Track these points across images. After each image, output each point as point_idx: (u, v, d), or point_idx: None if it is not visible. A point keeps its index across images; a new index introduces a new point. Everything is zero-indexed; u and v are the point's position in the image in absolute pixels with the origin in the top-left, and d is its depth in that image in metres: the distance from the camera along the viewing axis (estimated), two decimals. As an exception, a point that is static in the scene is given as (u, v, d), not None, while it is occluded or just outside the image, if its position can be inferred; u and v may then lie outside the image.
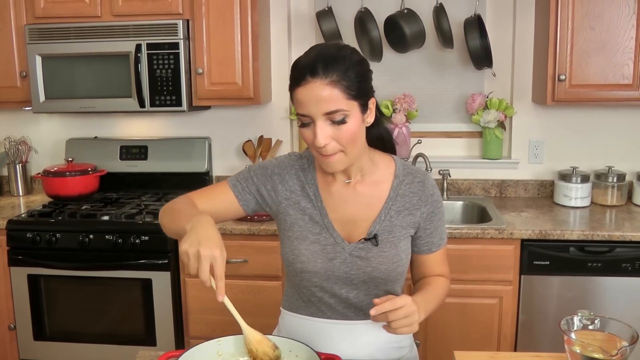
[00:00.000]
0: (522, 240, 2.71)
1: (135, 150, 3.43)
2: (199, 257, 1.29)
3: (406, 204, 1.61)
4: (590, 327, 1.48)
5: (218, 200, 1.65)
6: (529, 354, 1.65)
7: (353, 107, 1.44)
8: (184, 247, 1.31)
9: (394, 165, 1.65)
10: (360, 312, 1.63)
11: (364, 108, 1.49)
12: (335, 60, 1.42)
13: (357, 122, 1.46)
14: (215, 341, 1.48)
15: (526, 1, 3.20)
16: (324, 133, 1.42)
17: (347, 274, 1.59)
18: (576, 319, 1.48)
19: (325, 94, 1.39)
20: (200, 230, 1.35)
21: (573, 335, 1.44)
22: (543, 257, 2.71)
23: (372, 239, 1.57)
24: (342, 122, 1.43)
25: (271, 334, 1.56)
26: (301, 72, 1.43)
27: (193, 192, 1.67)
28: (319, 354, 1.39)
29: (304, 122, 1.44)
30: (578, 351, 1.38)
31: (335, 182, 1.63)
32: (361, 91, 1.46)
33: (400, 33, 3.09)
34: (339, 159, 1.48)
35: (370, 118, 1.53)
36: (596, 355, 1.34)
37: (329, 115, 1.41)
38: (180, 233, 1.40)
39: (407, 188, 1.61)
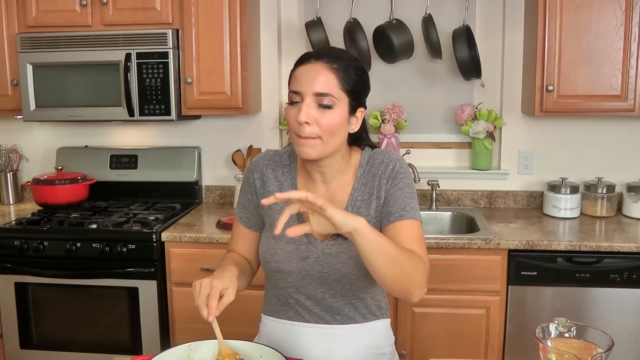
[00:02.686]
0: (509, 251, 2.70)
1: (125, 160, 3.44)
2: (210, 284, 1.39)
3: (370, 190, 1.60)
4: (567, 334, 1.47)
5: (245, 240, 1.75)
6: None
7: (343, 100, 1.50)
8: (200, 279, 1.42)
9: (360, 156, 1.65)
10: (337, 316, 1.63)
11: (352, 109, 1.54)
12: (341, 55, 1.53)
13: (342, 116, 1.51)
14: (185, 346, 1.49)
15: (515, 13, 3.21)
16: (308, 111, 1.47)
17: (320, 272, 1.58)
18: (552, 327, 1.47)
19: (322, 75, 1.48)
20: (218, 272, 1.50)
21: (549, 343, 1.43)
22: (530, 268, 2.70)
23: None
24: (328, 107, 1.48)
25: (252, 341, 1.56)
26: (307, 55, 1.54)
27: (228, 244, 1.80)
28: (288, 359, 1.38)
29: (294, 99, 1.50)
30: (553, 359, 1.37)
31: (314, 187, 1.63)
32: (355, 91, 1.53)
33: (389, 43, 3.10)
34: (314, 144, 1.49)
35: (356, 126, 1.58)
36: (569, 363, 1.33)
37: (319, 96, 1.47)
38: None
39: (369, 174, 1.61)
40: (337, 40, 3.24)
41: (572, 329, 1.46)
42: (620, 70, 2.83)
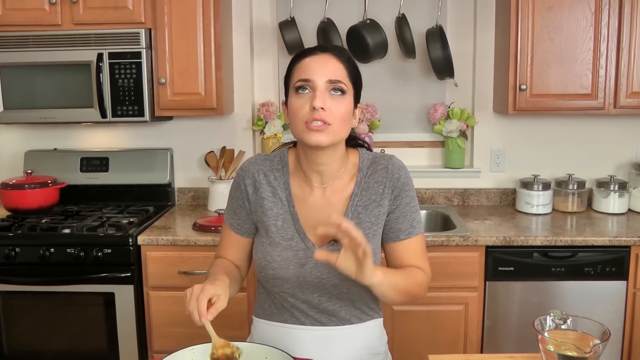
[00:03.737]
0: (487, 247, 2.74)
1: (96, 162, 3.36)
2: (201, 288, 1.37)
3: (372, 196, 1.60)
4: (563, 326, 1.49)
5: (234, 247, 1.72)
6: (503, 355, 1.66)
7: (350, 90, 1.53)
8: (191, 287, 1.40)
9: (358, 159, 1.66)
10: (333, 317, 1.62)
11: (355, 102, 1.57)
12: (343, 50, 1.61)
13: (350, 106, 1.54)
14: (189, 349, 1.46)
15: (486, 13, 3.27)
16: (323, 97, 1.48)
17: (318, 278, 1.58)
18: (549, 319, 1.50)
19: (333, 64, 1.52)
20: (209, 280, 1.48)
21: (547, 335, 1.45)
22: (507, 263, 2.74)
23: None
24: (341, 93, 1.50)
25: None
26: (311, 49, 1.56)
27: (217, 250, 1.77)
28: (295, 359, 1.37)
29: (302, 86, 1.50)
30: (552, 350, 1.39)
31: (310, 190, 1.63)
32: (357, 84, 1.57)
33: (363, 43, 3.11)
34: (326, 130, 1.49)
35: (356, 121, 1.60)
36: (570, 353, 1.36)
37: (332, 83, 1.49)
38: None
39: (371, 179, 1.61)
40: (310, 41, 3.24)
41: (568, 321, 1.49)
42: (590, 70, 2.91)
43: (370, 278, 1.39)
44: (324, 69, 1.49)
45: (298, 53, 1.58)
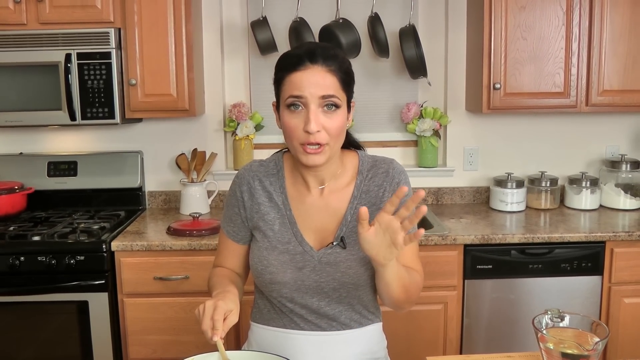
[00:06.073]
0: (465, 246, 2.75)
1: (64, 166, 3.25)
2: (214, 306, 1.35)
3: (372, 199, 1.58)
4: (561, 324, 1.50)
5: (233, 254, 1.70)
6: (501, 355, 1.66)
7: (343, 99, 1.49)
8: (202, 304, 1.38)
9: (357, 161, 1.64)
10: (333, 322, 1.60)
11: (348, 107, 1.53)
12: (334, 54, 1.50)
13: (344, 116, 1.50)
14: None
15: (457, 13, 3.28)
16: (317, 119, 1.43)
17: (316, 282, 1.55)
18: (546, 317, 1.50)
19: (324, 79, 1.45)
20: (220, 293, 1.46)
21: (546, 332, 1.45)
22: (485, 261, 2.76)
23: (340, 242, 1.55)
24: (335, 107, 1.46)
25: (240, 349, 1.52)
26: (299, 58, 1.46)
27: (215, 258, 1.76)
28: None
29: (295, 103, 1.45)
30: (552, 347, 1.40)
31: (307, 191, 1.60)
32: (350, 88, 1.52)
33: (336, 43, 3.09)
34: (322, 152, 1.47)
35: (350, 118, 1.58)
36: (571, 351, 1.36)
37: (325, 99, 1.44)
38: None
39: (371, 182, 1.60)
40: (282, 40, 3.20)
41: (566, 319, 1.50)
42: (562, 69, 2.95)
43: (393, 258, 1.37)
44: (317, 85, 1.43)
45: (285, 61, 1.50)
